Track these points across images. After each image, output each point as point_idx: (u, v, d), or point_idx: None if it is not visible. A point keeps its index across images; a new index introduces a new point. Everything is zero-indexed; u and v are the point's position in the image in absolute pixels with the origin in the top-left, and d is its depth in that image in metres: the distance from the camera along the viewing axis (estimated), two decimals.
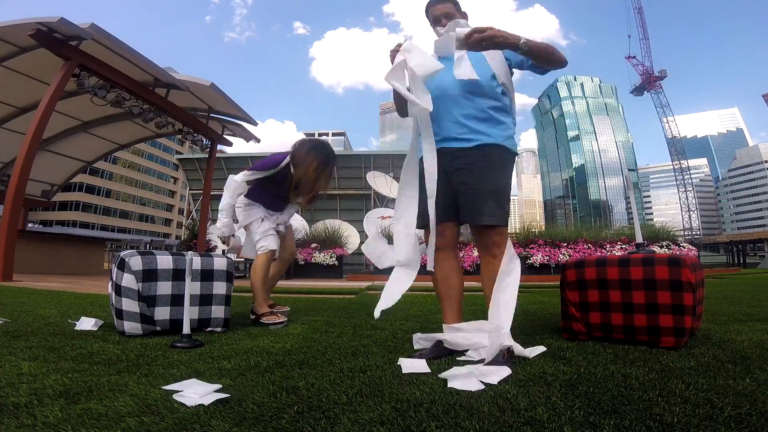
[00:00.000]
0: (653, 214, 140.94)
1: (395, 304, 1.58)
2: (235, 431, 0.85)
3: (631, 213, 3.01)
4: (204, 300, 2.05)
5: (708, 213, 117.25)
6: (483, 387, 1.13)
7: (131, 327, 1.88)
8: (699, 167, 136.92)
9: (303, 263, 9.38)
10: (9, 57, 7.06)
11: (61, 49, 5.93)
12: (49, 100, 5.82)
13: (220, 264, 2.13)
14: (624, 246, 8.45)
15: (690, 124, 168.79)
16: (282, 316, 2.35)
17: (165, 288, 1.93)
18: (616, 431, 0.83)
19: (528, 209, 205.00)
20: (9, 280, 5.28)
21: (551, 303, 3.29)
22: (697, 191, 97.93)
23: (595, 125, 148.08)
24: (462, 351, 1.54)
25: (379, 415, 0.92)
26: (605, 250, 8.49)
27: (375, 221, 10.87)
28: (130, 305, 1.86)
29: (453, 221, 1.67)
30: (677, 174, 74.52)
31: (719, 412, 0.91)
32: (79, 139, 10.50)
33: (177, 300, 1.94)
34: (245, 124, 9.72)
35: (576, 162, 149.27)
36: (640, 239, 2.05)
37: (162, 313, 1.92)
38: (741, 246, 31.79)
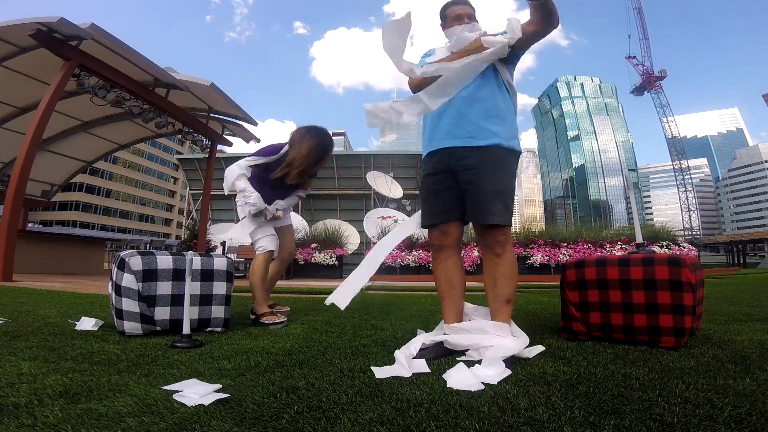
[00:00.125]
0: (653, 214, 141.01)
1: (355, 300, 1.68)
2: (235, 431, 0.85)
3: (631, 213, 3.01)
4: (204, 300, 2.05)
5: (708, 213, 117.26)
6: (483, 387, 1.13)
7: (131, 327, 1.88)
8: (699, 167, 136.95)
9: (303, 263, 9.38)
10: (9, 57, 7.07)
11: (61, 49, 5.94)
12: (49, 100, 5.83)
13: (220, 264, 2.13)
14: (624, 246, 8.45)
15: (690, 124, 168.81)
16: (282, 316, 2.35)
17: (165, 288, 1.93)
18: (616, 431, 0.83)
19: (528, 209, 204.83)
20: (9, 280, 5.28)
21: (551, 303, 3.29)
22: (697, 191, 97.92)
23: (595, 125, 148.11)
24: (462, 351, 1.54)
25: (379, 415, 0.92)
26: (605, 250, 8.49)
27: (375, 221, 10.87)
28: (130, 305, 1.87)
29: (458, 220, 1.68)
30: (677, 174, 74.50)
31: (719, 412, 0.91)
32: (79, 139, 10.51)
33: (177, 300, 1.94)
34: (245, 124, 9.72)
35: (576, 162, 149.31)
36: (640, 239, 2.05)
37: (162, 313, 1.92)
38: (741, 246, 31.81)
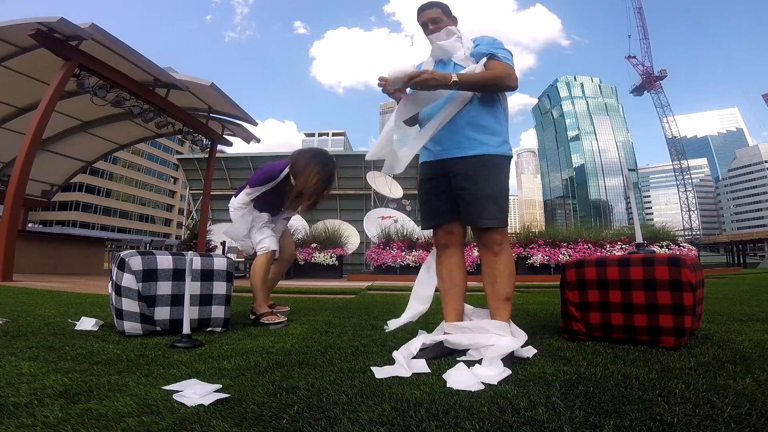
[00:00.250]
0: (653, 214, 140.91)
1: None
2: (235, 431, 0.85)
3: (631, 213, 3.01)
4: (204, 300, 2.05)
5: (708, 213, 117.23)
6: (483, 387, 1.13)
7: (131, 327, 1.88)
8: (699, 167, 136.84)
9: (303, 263, 9.37)
10: (9, 57, 7.07)
11: (61, 49, 5.93)
12: (49, 100, 5.82)
13: (220, 264, 2.13)
14: (624, 246, 8.44)
15: (690, 124, 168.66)
16: (282, 316, 2.35)
17: (165, 288, 1.93)
18: (616, 431, 0.83)
19: (528, 209, 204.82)
20: (9, 280, 5.28)
21: (551, 303, 3.29)
22: (697, 191, 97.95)
23: (595, 125, 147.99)
24: (462, 351, 1.54)
25: (379, 415, 0.92)
26: (605, 250, 8.49)
27: (375, 221, 10.87)
28: (130, 305, 1.87)
29: (459, 220, 1.70)
30: (677, 174, 74.58)
31: (719, 412, 0.91)
32: (79, 139, 10.50)
33: (177, 300, 1.94)
34: (245, 124, 9.71)
35: (576, 162, 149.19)
36: (640, 239, 2.05)
37: (162, 313, 1.92)
38: (741, 246, 31.85)
